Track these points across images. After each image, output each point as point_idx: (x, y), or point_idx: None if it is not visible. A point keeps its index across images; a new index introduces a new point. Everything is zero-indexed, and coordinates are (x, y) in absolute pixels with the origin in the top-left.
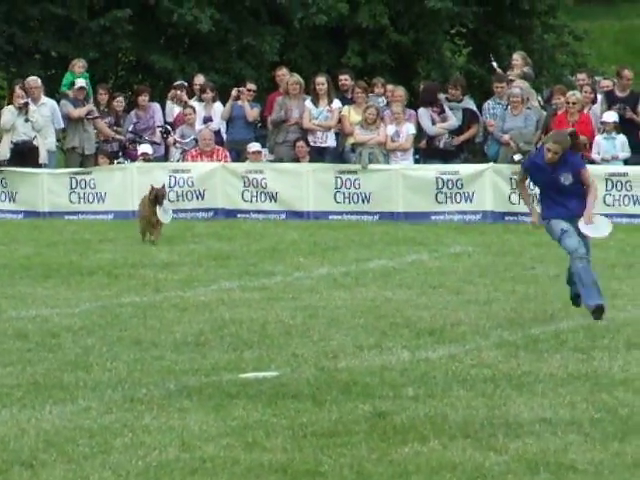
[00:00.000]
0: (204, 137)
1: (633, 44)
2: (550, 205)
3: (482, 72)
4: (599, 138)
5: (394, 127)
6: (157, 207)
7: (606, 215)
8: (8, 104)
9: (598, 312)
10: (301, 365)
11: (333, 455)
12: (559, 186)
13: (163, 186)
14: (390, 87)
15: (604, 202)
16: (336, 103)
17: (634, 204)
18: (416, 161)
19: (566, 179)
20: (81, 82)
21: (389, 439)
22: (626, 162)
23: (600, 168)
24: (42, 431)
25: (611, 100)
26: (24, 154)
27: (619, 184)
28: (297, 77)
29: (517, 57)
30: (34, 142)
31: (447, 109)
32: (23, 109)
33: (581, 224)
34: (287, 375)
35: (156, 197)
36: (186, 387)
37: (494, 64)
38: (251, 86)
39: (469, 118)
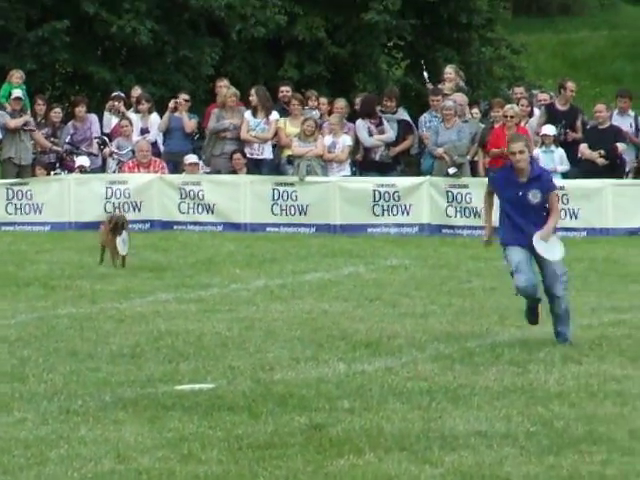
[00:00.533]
0: (141, 148)
1: (570, 57)
2: (509, 229)
3: (419, 85)
4: (538, 152)
5: (331, 138)
6: (117, 237)
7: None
8: None
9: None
10: (237, 377)
11: (269, 467)
12: (524, 204)
13: (122, 214)
14: (323, 100)
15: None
16: (274, 115)
17: (570, 218)
18: (353, 173)
19: (534, 197)
20: (18, 92)
21: (325, 451)
22: (565, 175)
23: None
24: None
25: (551, 113)
26: None
27: (565, 198)
28: (234, 90)
29: (450, 70)
30: None
31: (385, 121)
32: None
33: (535, 238)
34: (223, 387)
35: (115, 226)
36: (122, 399)
37: (425, 74)
38: (185, 96)
39: (404, 129)
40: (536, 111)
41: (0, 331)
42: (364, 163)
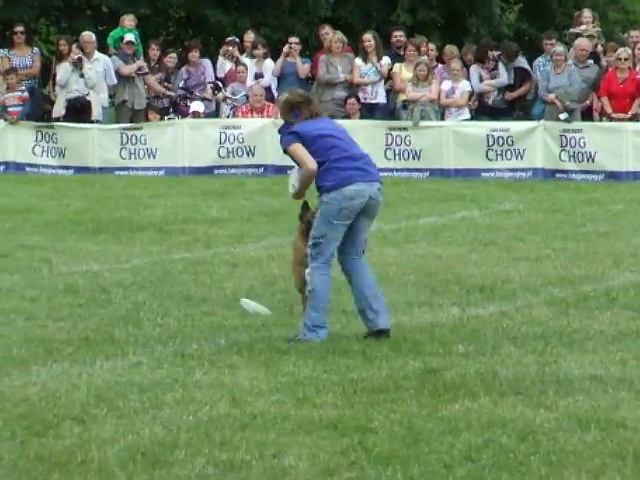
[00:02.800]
0: (255, 93)
1: None
2: None
3: (533, 30)
4: None
5: (450, 83)
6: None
7: None
8: (58, 59)
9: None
10: (351, 322)
11: (383, 411)
12: None
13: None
14: (432, 46)
15: None
16: (385, 59)
17: None
18: (471, 118)
19: None
20: (130, 37)
21: (439, 396)
22: None
23: None
24: (93, 386)
25: None
26: (78, 110)
27: None
28: (340, 35)
29: (588, 14)
30: (87, 98)
31: (500, 66)
32: (78, 65)
33: None
34: (338, 331)
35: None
36: (236, 343)
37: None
38: (294, 39)
39: (521, 76)
40: None
41: (115, 275)
42: (478, 108)
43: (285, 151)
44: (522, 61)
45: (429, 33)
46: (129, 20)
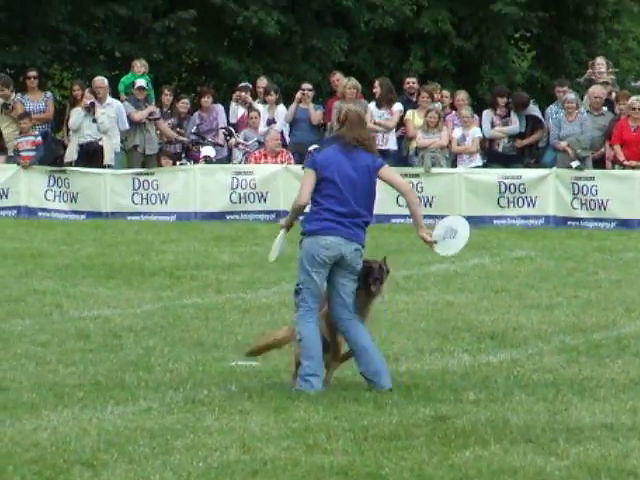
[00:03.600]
0: (273, 137)
1: None
2: None
3: (545, 77)
4: None
5: (461, 130)
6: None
7: None
8: (72, 104)
9: None
10: None
11: (394, 458)
12: None
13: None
14: (445, 92)
15: None
16: (397, 106)
17: None
18: (483, 165)
19: None
20: (141, 82)
21: (450, 443)
22: None
23: None
24: (103, 431)
25: None
26: (90, 155)
27: None
28: (354, 81)
29: (602, 61)
30: (100, 143)
31: (513, 114)
32: (90, 110)
33: None
34: (348, 378)
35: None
36: (247, 389)
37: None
38: (308, 86)
39: (532, 124)
40: None
41: (126, 320)
42: (489, 154)
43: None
44: (534, 109)
45: (442, 80)
46: (140, 65)
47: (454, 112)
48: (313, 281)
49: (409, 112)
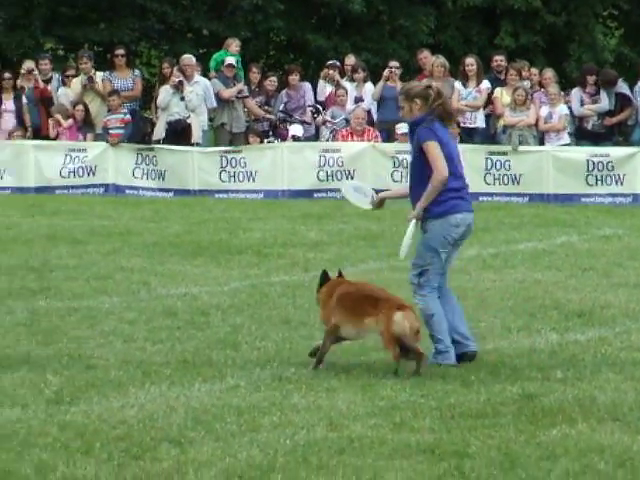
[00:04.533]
0: (357, 116)
1: None
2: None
3: (633, 54)
4: None
5: (547, 108)
6: None
7: None
8: (160, 82)
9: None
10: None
11: (481, 436)
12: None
13: None
14: (534, 70)
15: None
16: (485, 84)
17: None
18: (571, 143)
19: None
20: (230, 60)
21: (537, 421)
22: None
23: None
24: (190, 409)
25: None
26: (178, 133)
27: None
28: (442, 59)
29: None
30: (188, 121)
31: (602, 92)
32: (179, 88)
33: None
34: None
35: None
36: (334, 366)
37: None
38: (395, 63)
39: (622, 102)
40: None
41: (213, 298)
42: (578, 132)
43: (420, 147)
44: (623, 87)
45: (531, 57)
46: (235, 45)
47: (542, 90)
48: (440, 261)
49: (497, 90)
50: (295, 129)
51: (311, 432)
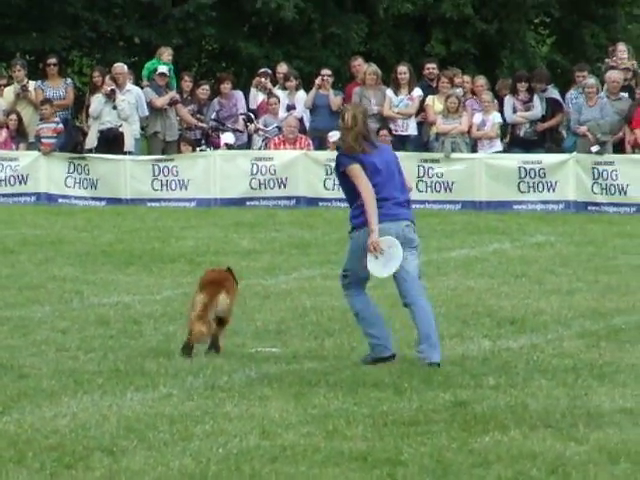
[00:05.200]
0: (289, 124)
1: None
2: None
3: (565, 62)
4: None
5: (481, 116)
6: None
7: None
8: (91, 90)
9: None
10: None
11: (413, 444)
12: None
13: None
14: (466, 78)
15: None
16: (417, 92)
17: None
18: (503, 150)
19: None
20: (163, 68)
21: (470, 428)
22: None
23: None
24: (123, 418)
25: None
26: (110, 142)
27: None
28: (374, 67)
29: (623, 48)
30: (120, 129)
31: (536, 99)
32: (111, 96)
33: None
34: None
35: None
36: (267, 375)
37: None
38: (327, 72)
39: (553, 107)
40: None
41: (146, 307)
42: (510, 139)
43: (340, 173)
44: (554, 92)
45: (463, 65)
46: (167, 54)
47: (474, 97)
48: (362, 269)
49: (429, 98)
50: (227, 137)
51: (244, 441)
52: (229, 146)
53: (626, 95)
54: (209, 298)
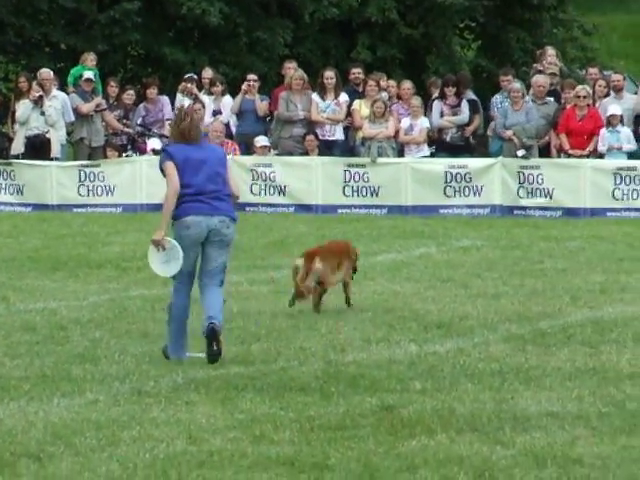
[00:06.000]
0: (215, 129)
1: None
2: None
3: (491, 66)
4: (603, 131)
5: (409, 120)
6: None
7: (614, 209)
8: (17, 96)
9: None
10: (309, 358)
11: (340, 448)
12: None
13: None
14: (392, 82)
15: (613, 196)
16: (343, 96)
17: None
18: (432, 155)
19: None
20: (88, 74)
21: (396, 432)
22: (632, 155)
23: (608, 162)
24: (50, 424)
25: None
26: (37, 148)
27: (628, 178)
28: (300, 72)
29: (552, 52)
30: (47, 135)
31: (464, 104)
32: (38, 102)
33: None
34: (295, 368)
35: None
36: (194, 380)
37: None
38: (252, 76)
39: (472, 109)
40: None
41: (72, 313)
42: (437, 144)
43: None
44: (470, 93)
45: (389, 70)
46: (91, 60)
47: (400, 102)
48: (187, 259)
49: (356, 102)
50: (154, 142)
51: (171, 446)
52: (156, 151)
53: (552, 99)
54: (308, 265)
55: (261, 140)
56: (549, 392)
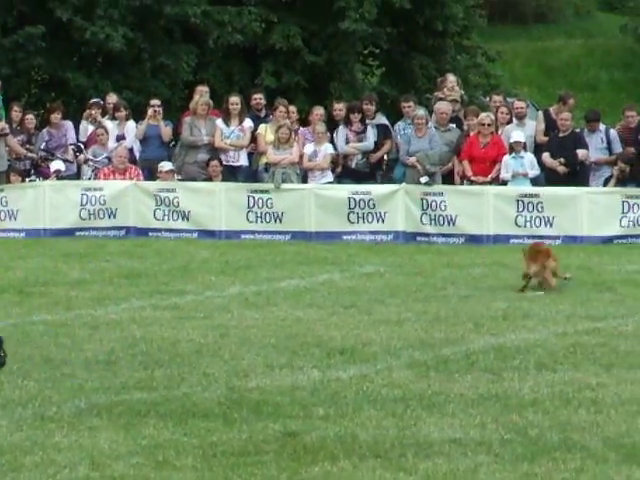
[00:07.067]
0: (119, 154)
1: (546, 65)
2: None
3: (394, 93)
4: (507, 158)
5: (312, 146)
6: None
7: (517, 236)
8: None
9: None
10: (212, 384)
11: (243, 474)
12: None
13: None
14: (292, 108)
15: (515, 223)
16: (247, 122)
17: (545, 225)
18: (335, 181)
19: None
20: None
21: (299, 459)
22: (535, 181)
23: (511, 189)
24: None
25: (548, 119)
26: None
27: (530, 205)
28: (206, 98)
29: (453, 79)
30: None
31: (369, 130)
32: None
33: None
34: (198, 394)
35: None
36: (96, 405)
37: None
38: (156, 102)
39: (383, 134)
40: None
41: None
42: (342, 170)
43: None
44: (382, 118)
45: (294, 96)
46: None
47: (305, 128)
48: None
49: (261, 126)
50: (57, 164)
51: (73, 471)
52: (59, 174)
53: (454, 126)
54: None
55: (165, 165)
56: (452, 419)
